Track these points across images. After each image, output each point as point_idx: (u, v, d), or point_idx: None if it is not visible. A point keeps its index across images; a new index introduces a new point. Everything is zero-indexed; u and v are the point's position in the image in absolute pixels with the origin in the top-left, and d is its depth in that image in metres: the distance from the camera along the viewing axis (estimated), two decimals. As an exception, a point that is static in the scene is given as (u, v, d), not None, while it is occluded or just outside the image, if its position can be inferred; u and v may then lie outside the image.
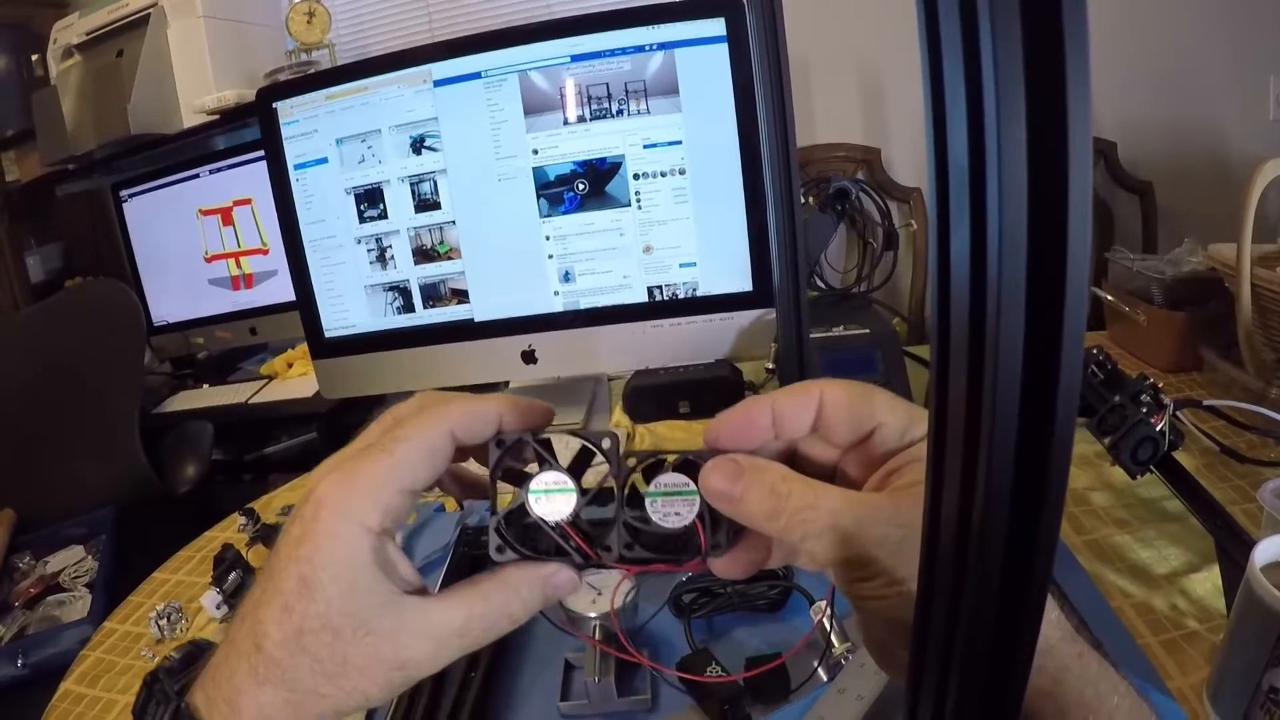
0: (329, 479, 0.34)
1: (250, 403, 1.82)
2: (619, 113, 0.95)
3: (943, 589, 0.24)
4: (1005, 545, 0.22)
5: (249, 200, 1.89)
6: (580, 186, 0.98)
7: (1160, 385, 0.81)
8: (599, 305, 1.02)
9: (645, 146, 0.95)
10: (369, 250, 1.06)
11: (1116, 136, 2.00)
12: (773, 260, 0.80)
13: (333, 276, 1.08)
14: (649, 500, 0.36)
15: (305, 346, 1.17)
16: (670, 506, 0.35)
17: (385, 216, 1.04)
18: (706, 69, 0.94)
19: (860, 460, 0.36)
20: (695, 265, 0.98)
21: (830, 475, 0.36)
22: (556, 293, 1.02)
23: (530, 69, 0.96)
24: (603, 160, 0.96)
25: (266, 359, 2.02)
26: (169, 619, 0.88)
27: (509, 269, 1.03)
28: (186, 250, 1.99)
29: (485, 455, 0.37)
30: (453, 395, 0.37)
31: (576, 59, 0.95)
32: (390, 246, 1.05)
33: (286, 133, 1.06)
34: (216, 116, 2.00)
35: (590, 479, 0.37)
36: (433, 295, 1.06)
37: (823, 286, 1.56)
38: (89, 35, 2.08)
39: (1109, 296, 1.23)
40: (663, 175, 0.96)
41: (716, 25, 0.92)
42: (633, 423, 1.02)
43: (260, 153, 1.09)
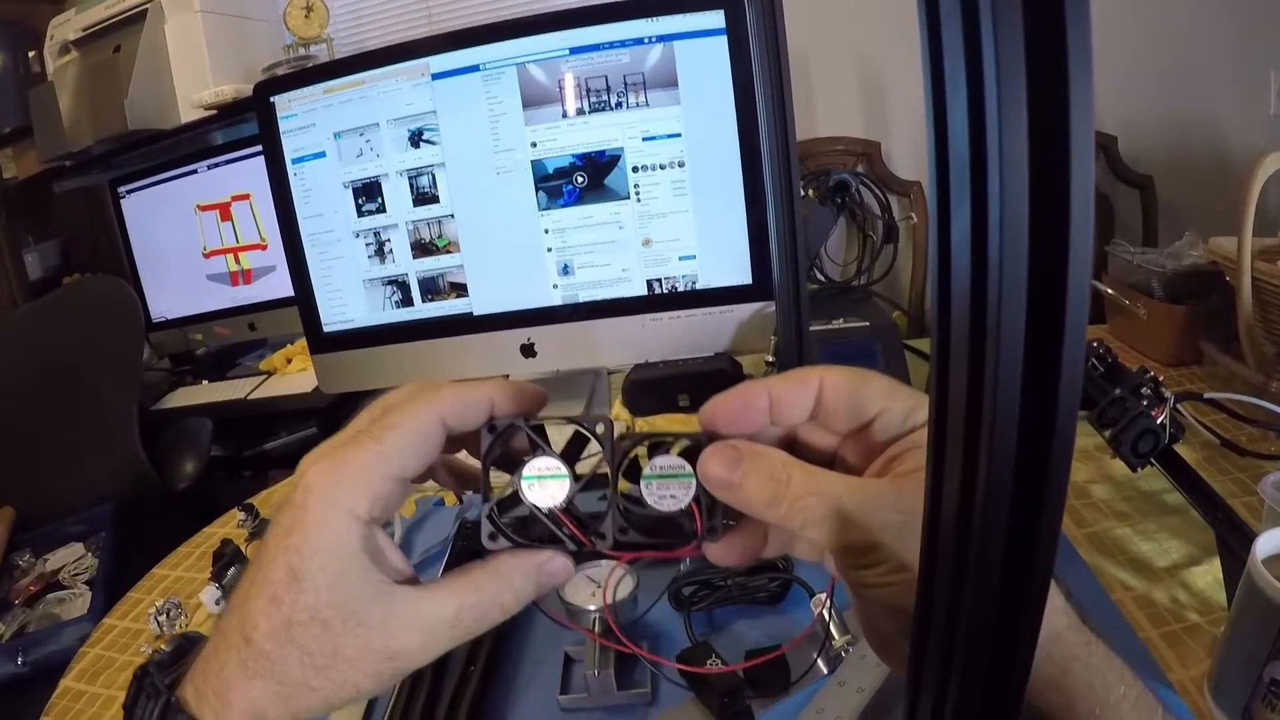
0: (317, 467, 0.34)
1: (249, 398, 1.82)
2: (618, 105, 0.95)
3: (944, 577, 0.23)
4: (1007, 531, 0.22)
5: (247, 195, 1.89)
6: (579, 179, 0.97)
7: (1161, 378, 0.81)
8: (598, 298, 1.02)
9: (644, 139, 0.95)
10: (367, 244, 1.05)
11: (1117, 131, 2.00)
12: (772, 253, 0.80)
13: (331, 271, 1.08)
14: (644, 483, 0.35)
15: (304, 342, 1.17)
16: (666, 489, 0.35)
17: (383, 210, 1.04)
18: (705, 61, 0.93)
19: (861, 447, 0.36)
20: (694, 258, 0.98)
21: (830, 463, 0.36)
22: (555, 286, 1.02)
23: (528, 62, 0.95)
24: (601, 153, 0.96)
25: (265, 354, 2.02)
26: (168, 615, 0.87)
27: (508, 262, 1.03)
28: (185, 246, 1.99)
29: (478, 444, 0.37)
30: (444, 383, 0.37)
31: (575, 51, 0.94)
32: (389, 240, 1.05)
33: (284, 127, 1.05)
34: (214, 112, 1.99)
35: (585, 465, 0.36)
36: (431, 289, 1.06)
37: (822, 279, 1.56)
38: (86, 31, 2.08)
39: (1109, 290, 1.22)
40: (662, 168, 0.95)
41: (715, 18, 0.92)
42: (632, 416, 1.02)
43: (258, 148, 1.08)
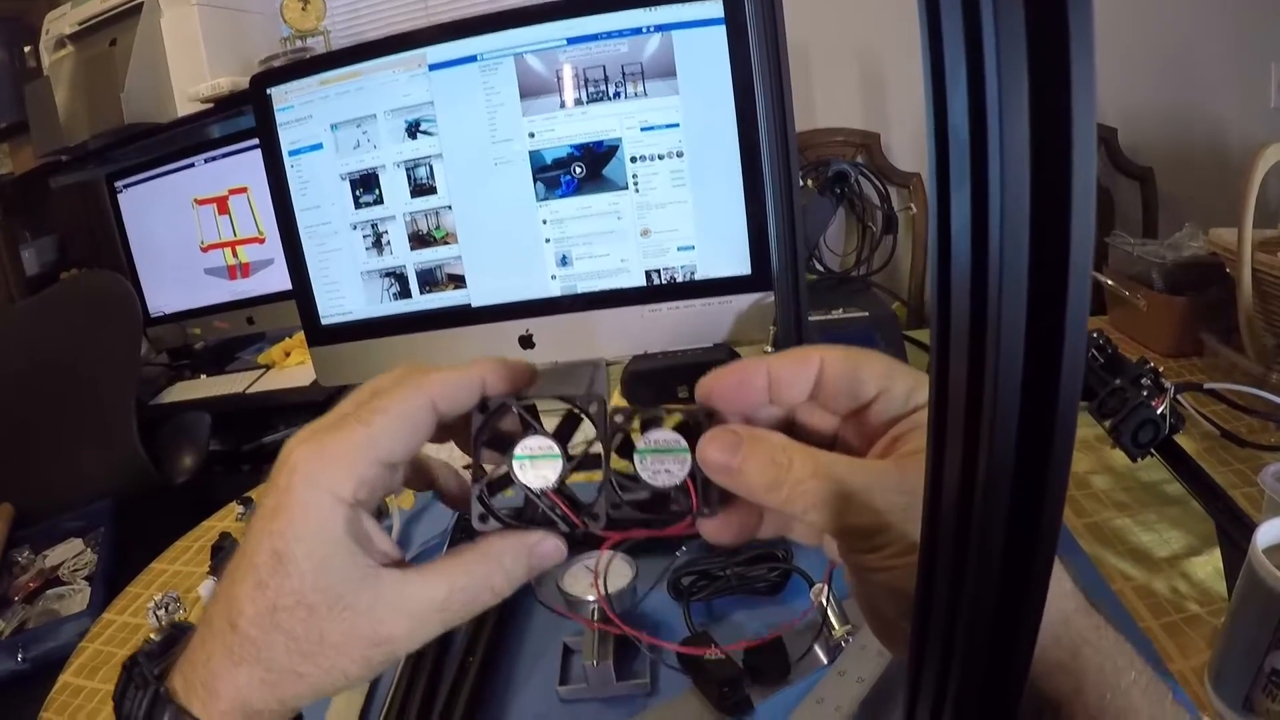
0: (302, 449, 0.33)
1: (248, 392, 1.81)
2: (616, 95, 0.94)
3: (945, 559, 0.23)
4: (1009, 511, 0.21)
5: (245, 189, 1.88)
6: (577, 170, 0.97)
7: (1160, 369, 0.81)
8: (597, 289, 1.01)
9: (643, 129, 0.94)
10: (365, 236, 1.05)
11: (1117, 123, 2.00)
12: (771, 243, 0.80)
13: (328, 263, 1.07)
14: (638, 458, 0.34)
15: (302, 335, 1.16)
16: (661, 464, 0.34)
17: (381, 202, 1.03)
18: (704, 51, 0.93)
19: (862, 428, 0.35)
20: (693, 248, 0.98)
21: (829, 445, 0.35)
22: (554, 277, 1.02)
23: (526, 52, 0.95)
24: (600, 143, 0.96)
25: (264, 348, 2.01)
26: (167, 609, 0.87)
27: (506, 253, 1.02)
28: (182, 240, 1.99)
29: (467, 433, 0.36)
30: (434, 366, 0.36)
31: (573, 41, 0.94)
32: (386, 232, 1.04)
33: (281, 119, 1.05)
34: (211, 105, 1.98)
35: (578, 443, 0.36)
36: (429, 280, 1.05)
37: (821, 269, 1.56)
38: (81, 25, 2.07)
39: (1109, 281, 1.22)
40: (660, 158, 0.95)
41: (714, 7, 0.91)
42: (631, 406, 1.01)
43: (255, 141, 1.08)
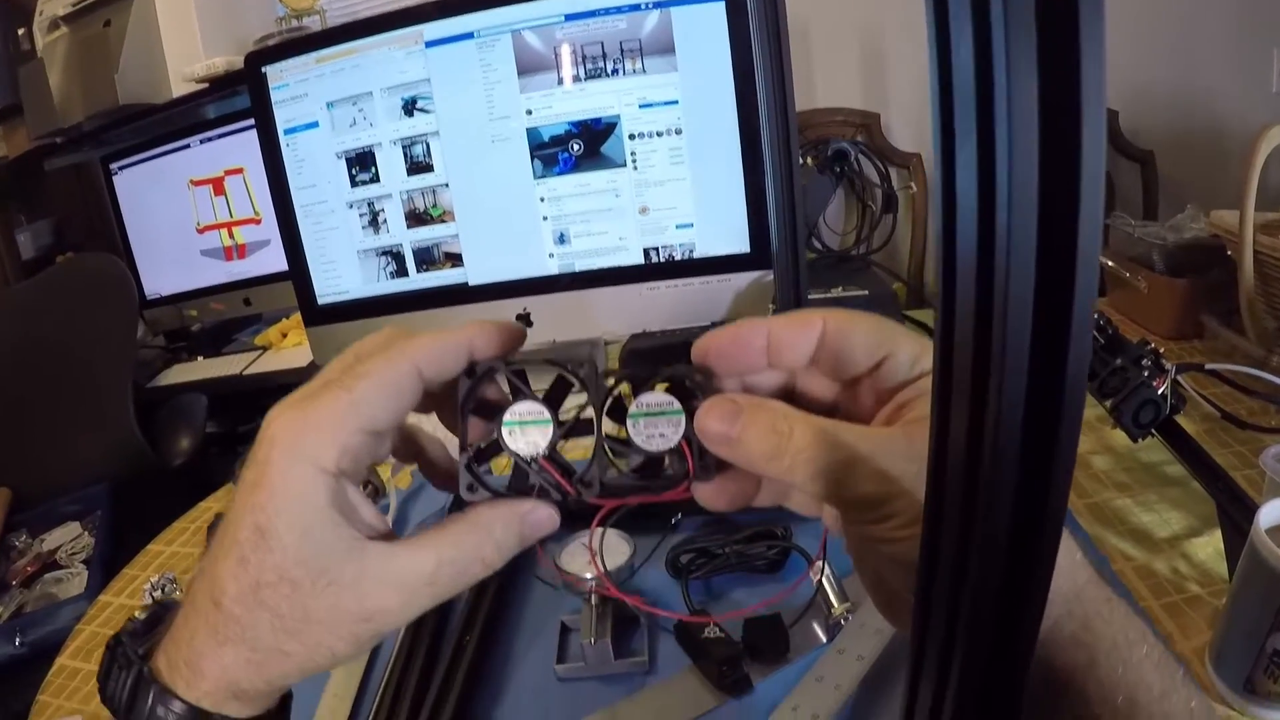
0: (282, 418, 0.32)
1: (245, 374, 1.80)
2: (614, 72, 0.93)
3: (950, 528, 0.23)
4: (1018, 477, 0.21)
5: (241, 170, 1.87)
6: (575, 147, 0.96)
7: (1161, 351, 0.81)
8: (595, 267, 1.00)
9: (641, 106, 0.94)
10: (361, 215, 1.04)
11: (1118, 105, 1.99)
12: (771, 221, 0.79)
13: (325, 242, 1.07)
14: (631, 421, 0.33)
15: (299, 316, 1.16)
16: (654, 428, 0.33)
17: (377, 180, 1.02)
18: (703, 28, 0.91)
19: (864, 395, 0.34)
20: (692, 226, 0.97)
21: (829, 413, 0.34)
22: (551, 255, 1.01)
23: (524, 28, 0.94)
24: (598, 120, 0.95)
25: (261, 330, 2.00)
26: (164, 590, 0.87)
27: (503, 231, 1.01)
28: (178, 222, 1.97)
29: (454, 411, 0.35)
30: (420, 331, 0.35)
31: (570, 18, 0.93)
32: (382, 211, 1.03)
33: (276, 97, 1.04)
34: (206, 85, 1.97)
35: (569, 408, 0.35)
36: (426, 259, 1.04)
37: (820, 248, 1.55)
38: (75, 6, 2.05)
39: (1110, 262, 1.22)
40: (659, 135, 0.94)
41: (714, -17, 0.90)
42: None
43: (251, 121, 1.07)
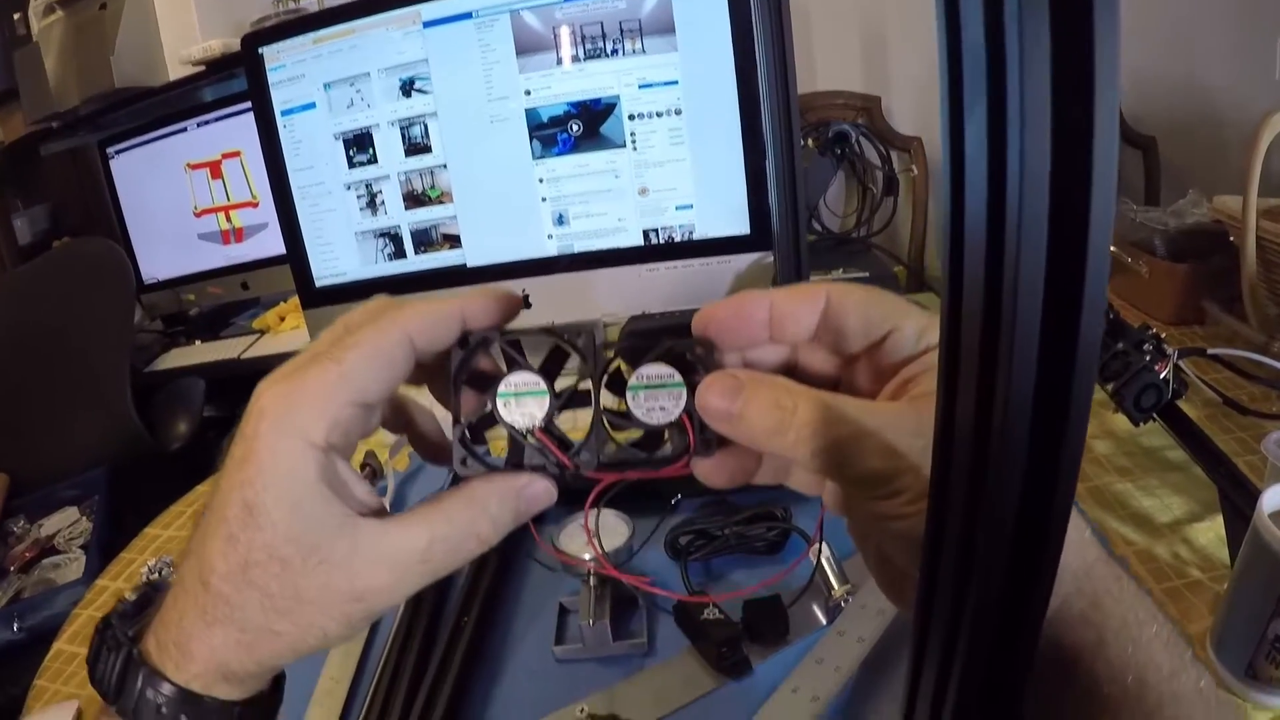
0: (270, 391, 0.31)
1: (242, 358, 1.80)
2: (614, 52, 0.92)
3: (957, 503, 0.22)
4: (1028, 451, 0.20)
5: (238, 153, 1.86)
6: (574, 128, 0.95)
7: (1163, 336, 0.81)
8: (594, 249, 1.00)
9: (641, 87, 0.93)
10: (359, 196, 1.03)
11: (1121, 92, 1.98)
12: (771, 202, 0.79)
13: (322, 224, 1.06)
14: (630, 394, 0.33)
15: (297, 299, 1.15)
16: (655, 401, 0.32)
17: (375, 161, 1.02)
18: (704, 8, 0.90)
19: (868, 370, 0.33)
20: (692, 208, 0.96)
21: (832, 390, 0.33)
22: (550, 236, 1.00)
23: (522, 8, 0.93)
24: (597, 101, 0.94)
25: (258, 313, 1.99)
26: (160, 574, 0.87)
27: (502, 213, 1.01)
28: (175, 206, 1.96)
29: (446, 385, 0.34)
30: (411, 300, 0.34)
31: (570, -3, 0.92)
32: (380, 192, 1.03)
33: (273, 78, 1.03)
34: (203, 68, 1.96)
35: (566, 379, 0.34)
36: (424, 241, 1.04)
37: (820, 230, 1.55)
38: (71, -11, 2.04)
39: (1111, 247, 1.21)
40: (658, 116, 0.93)
41: (714, -38, 0.89)
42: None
43: (248, 104, 1.06)
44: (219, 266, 1.96)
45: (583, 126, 0.95)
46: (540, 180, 0.98)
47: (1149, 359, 0.79)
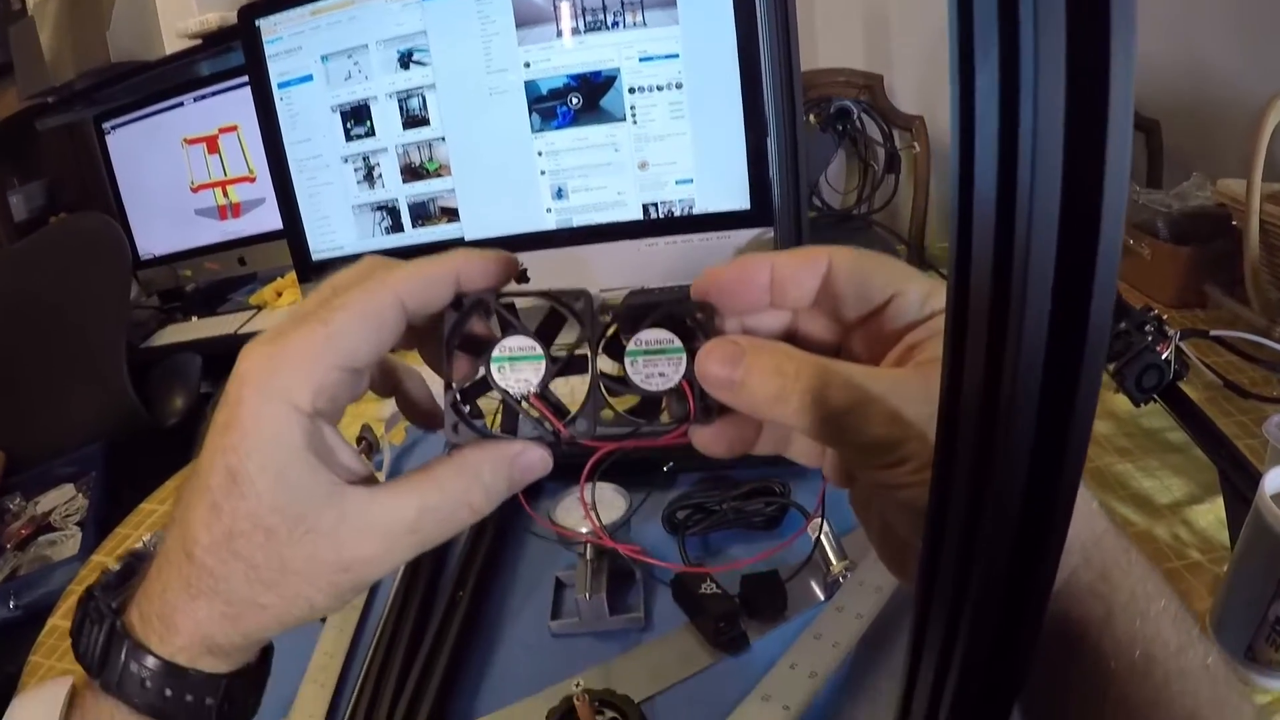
0: (254, 354, 0.30)
1: (240, 333, 1.79)
2: (614, 25, 0.91)
3: (962, 471, 0.22)
4: (1036, 416, 0.19)
5: (235, 127, 1.85)
6: (574, 101, 0.94)
7: (1164, 317, 0.80)
8: (593, 223, 0.98)
9: (641, 60, 0.91)
10: (356, 169, 1.02)
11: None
12: (772, 178, 0.78)
13: (319, 197, 1.05)
14: (629, 360, 0.32)
15: (294, 275, 1.14)
16: (653, 367, 0.31)
17: (372, 134, 1.00)
18: (706, -20, 0.89)
19: (871, 336, 0.33)
20: (692, 182, 0.95)
21: (833, 357, 0.33)
22: (549, 210, 0.99)
23: (523, -21, 0.92)
24: (597, 74, 0.93)
25: (256, 289, 1.98)
26: (155, 549, 0.86)
27: (500, 186, 0.99)
28: (172, 181, 1.95)
29: (438, 350, 0.33)
30: (402, 260, 0.33)
31: (570, -32, 0.91)
32: (378, 165, 1.01)
33: (270, 51, 1.01)
34: (199, 42, 1.93)
35: (562, 344, 0.33)
36: (422, 214, 1.03)
37: (820, 206, 1.54)
38: (66, -38, 2.01)
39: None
40: (659, 89, 0.92)
41: (716, -66, 0.88)
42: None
43: (245, 78, 1.05)
44: (216, 242, 1.95)
45: (582, 100, 0.94)
46: (539, 153, 0.97)
47: (1150, 340, 0.78)
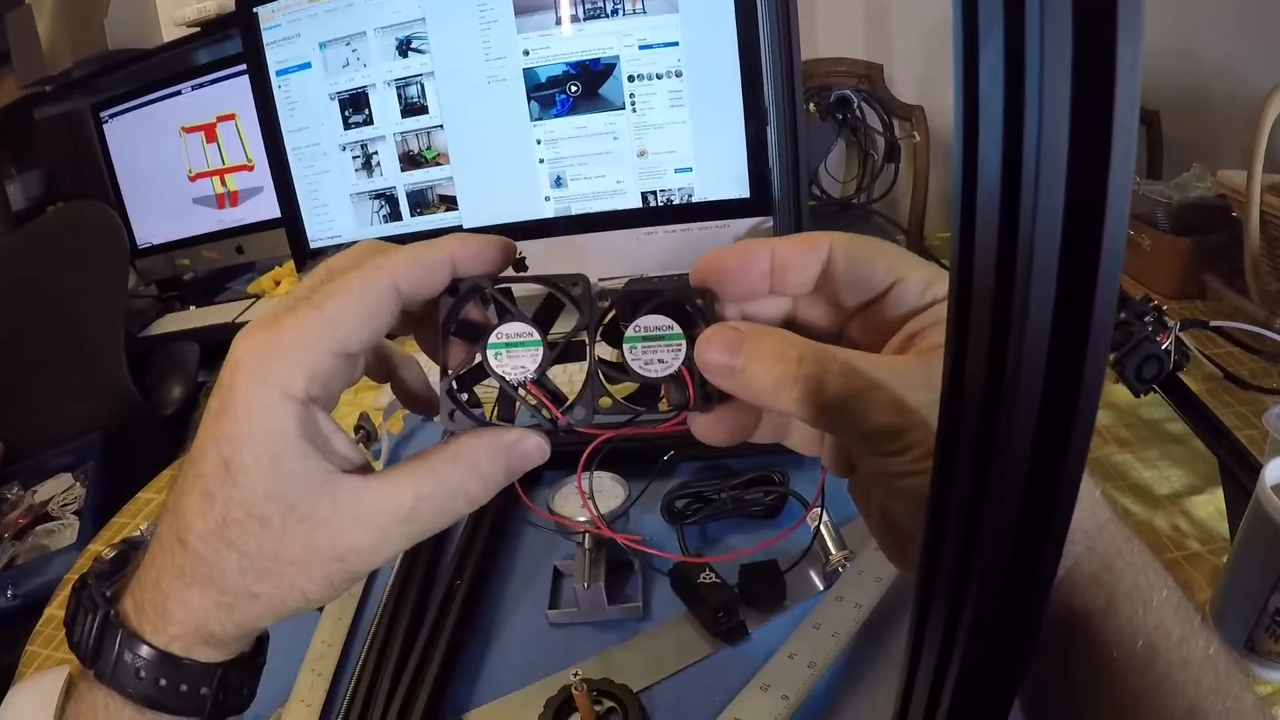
0: (247, 339, 0.29)
1: (237, 321, 1.78)
2: (614, 12, 0.90)
3: (965, 459, 0.21)
4: (1040, 403, 0.19)
5: (233, 115, 1.84)
6: (573, 89, 0.93)
7: (1164, 308, 0.80)
8: (592, 211, 0.98)
9: (641, 47, 0.91)
10: (354, 157, 1.02)
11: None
12: (772, 166, 0.77)
13: (317, 185, 1.04)
14: (627, 346, 0.31)
15: (292, 264, 1.14)
16: (652, 353, 0.31)
17: (371, 122, 1.00)
18: (706, -33, 0.89)
19: (872, 323, 0.32)
20: (691, 170, 0.94)
21: (834, 344, 0.33)
22: (548, 198, 0.99)
23: (522, -34, 0.91)
24: (596, 61, 0.92)
25: (254, 278, 1.97)
26: (149, 537, 0.86)
27: (499, 174, 0.99)
28: (170, 170, 1.94)
29: (434, 336, 0.33)
30: (397, 245, 0.32)
31: (570, -45, 0.90)
32: (376, 153, 1.01)
33: (268, 38, 1.01)
34: (198, 29, 1.93)
35: (559, 330, 0.32)
36: (420, 202, 1.02)
37: (820, 195, 1.53)
38: (63, -52, 2.00)
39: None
40: (658, 77, 0.91)
41: (716, -79, 0.87)
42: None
43: (243, 66, 1.04)
44: (214, 231, 1.94)
45: (581, 88, 0.93)
46: (538, 142, 0.96)
47: (1150, 330, 0.78)
